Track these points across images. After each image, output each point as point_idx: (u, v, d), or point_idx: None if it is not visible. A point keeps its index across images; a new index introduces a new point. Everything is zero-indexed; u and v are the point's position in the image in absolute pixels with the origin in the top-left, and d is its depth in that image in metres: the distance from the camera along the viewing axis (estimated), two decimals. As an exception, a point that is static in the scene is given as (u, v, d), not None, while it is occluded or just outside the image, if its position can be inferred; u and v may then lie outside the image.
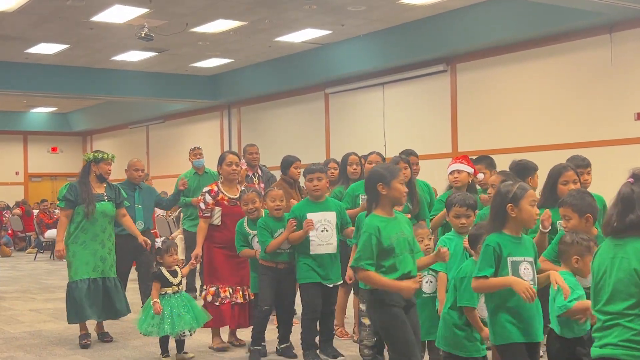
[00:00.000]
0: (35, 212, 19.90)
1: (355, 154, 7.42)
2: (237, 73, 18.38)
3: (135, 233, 7.34)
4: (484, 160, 6.84)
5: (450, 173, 6.33)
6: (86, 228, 6.92)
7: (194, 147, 9.84)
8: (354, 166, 7.16)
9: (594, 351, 3.17)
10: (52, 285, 12.18)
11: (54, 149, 27.91)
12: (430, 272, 5.14)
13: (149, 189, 8.26)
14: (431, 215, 6.42)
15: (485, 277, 3.83)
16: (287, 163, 7.93)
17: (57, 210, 19.38)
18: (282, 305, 6.42)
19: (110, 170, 7.26)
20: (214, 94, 19.36)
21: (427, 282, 5.13)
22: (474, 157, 7.03)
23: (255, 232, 6.46)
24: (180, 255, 9.02)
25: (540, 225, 4.74)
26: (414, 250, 4.29)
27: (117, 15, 12.81)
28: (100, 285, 6.97)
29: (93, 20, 13.19)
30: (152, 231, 8.77)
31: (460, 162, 6.60)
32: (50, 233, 17.95)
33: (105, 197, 7.09)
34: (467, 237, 4.87)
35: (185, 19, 13.13)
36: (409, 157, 6.62)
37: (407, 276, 4.19)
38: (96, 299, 6.90)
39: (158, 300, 6.12)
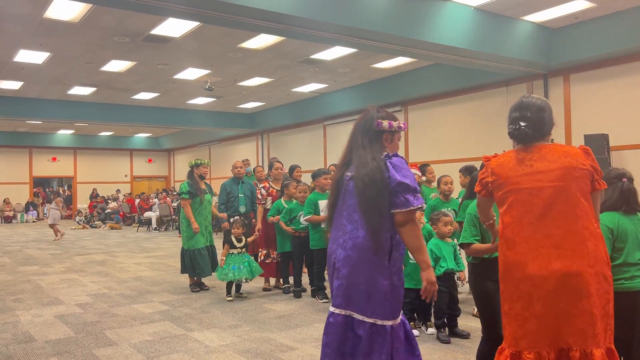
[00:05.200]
0: (137, 200, 19.91)
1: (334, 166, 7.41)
2: (267, 112, 18.38)
3: (215, 213, 7.14)
4: (466, 169, 5.96)
5: None
6: (200, 212, 6.79)
7: (245, 159, 9.52)
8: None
9: None
10: (148, 247, 12.19)
11: (150, 160, 27.89)
12: None
13: (249, 183, 7.65)
14: None
15: None
16: (292, 169, 7.43)
17: (155, 199, 19.41)
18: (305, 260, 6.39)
19: (206, 171, 7.03)
20: (252, 125, 19.37)
21: None
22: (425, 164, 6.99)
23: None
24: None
25: None
26: None
27: (190, 74, 12.82)
28: (210, 250, 6.87)
29: (175, 78, 13.19)
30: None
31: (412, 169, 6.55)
32: (148, 214, 17.98)
33: (207, 191, 7.00)
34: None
35: (234, 76, 13.13)
36: None
37: None
38: (207, 262, 6.77)
39: (224, 258, 6.14)
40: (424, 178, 6.59)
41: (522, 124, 2.43)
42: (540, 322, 2.28)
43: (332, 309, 2.55)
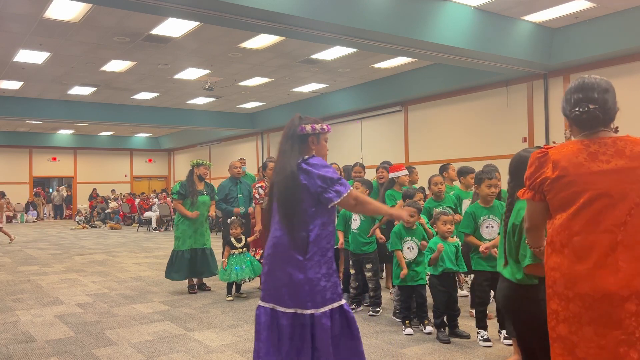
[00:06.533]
0: (137, 200, 19.91)
1: (336, 164, 7.39)
2: (267, 112, 18.38)
3: (211, 214, 7.02)
4: (461, 171, 5.92)
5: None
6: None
7: (241, 158, 9.48)
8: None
9: None
10: (148, 247, 12.19)
11: (150, 160, 27.88)
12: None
13: (246, 183, 7.48)
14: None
15: None
16: None
17: (155, 199, 19.40)
18: None
19: (206, 172, 6.96)
20: (252, 125, 19.37)
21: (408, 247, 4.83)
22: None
23: None
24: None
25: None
26: None
27: (190, 74, 12.81)
28: (199, 253, 6.70)
29: (175, 78, 13.20)
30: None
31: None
32: (148, 214, 17.99)
33: (204, 192, 6.88)
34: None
35: (234, 76, 13.13)
36: (385, 165, 6.59)
37: None
38: (193, 265, 6.63)
39: (226, 260, 6.14)
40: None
41: (590, 106, 2.06)
42: (618, 351, 1.88)
43: (260, 302, 2.79)
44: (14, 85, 13.67)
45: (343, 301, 2.78)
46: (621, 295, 1.87)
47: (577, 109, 2.09)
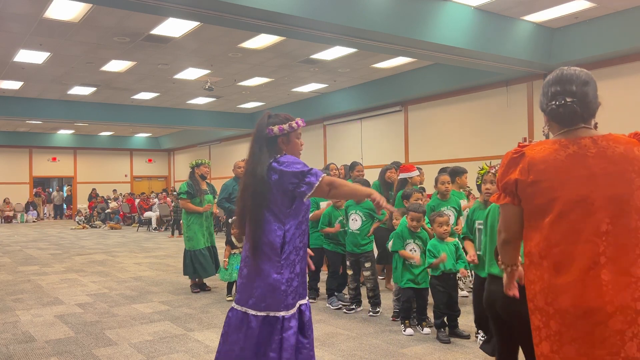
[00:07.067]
0: (137, 200, 19.90)
1: (334, 164, 7.40)
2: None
3: (214, 210, 7.17)
4: (453, 171, 6.09)
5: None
6: (200, 213, 6.76)
7: (244, 159, 9.52)
8: (334, 171, 7.09)
9: None
10: (148, 247, 12.18)
11: (150, 160, 27.88)
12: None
13: None
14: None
15: None
16: None
17: (155, 199, 19.37)
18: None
19: (207, 170, 7.02)
20: (252, 125, 19.24)
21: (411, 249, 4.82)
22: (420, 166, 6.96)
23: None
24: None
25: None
26: None
27: (190, 74, 12.81)
28: (212, 251, 6.81)
29: (175, 78, 13.20)
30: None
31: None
32: (148, 214, 17.97)
33: (208, 191, 6.96)
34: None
35: (234, 77, 13.14)
36: (397, 165, 6.65)
37: None
38: (210, 262, 6.73)
39: (227, 260, 6.14)
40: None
41: (568, 99, 1.88)
42: None
43: (233, 304, 2.75)
44: (14, 85, 13.66)
45: (306, 299, 2.77)
46: (605, 312, 1.71)
47: (553, 102, 1.91)
